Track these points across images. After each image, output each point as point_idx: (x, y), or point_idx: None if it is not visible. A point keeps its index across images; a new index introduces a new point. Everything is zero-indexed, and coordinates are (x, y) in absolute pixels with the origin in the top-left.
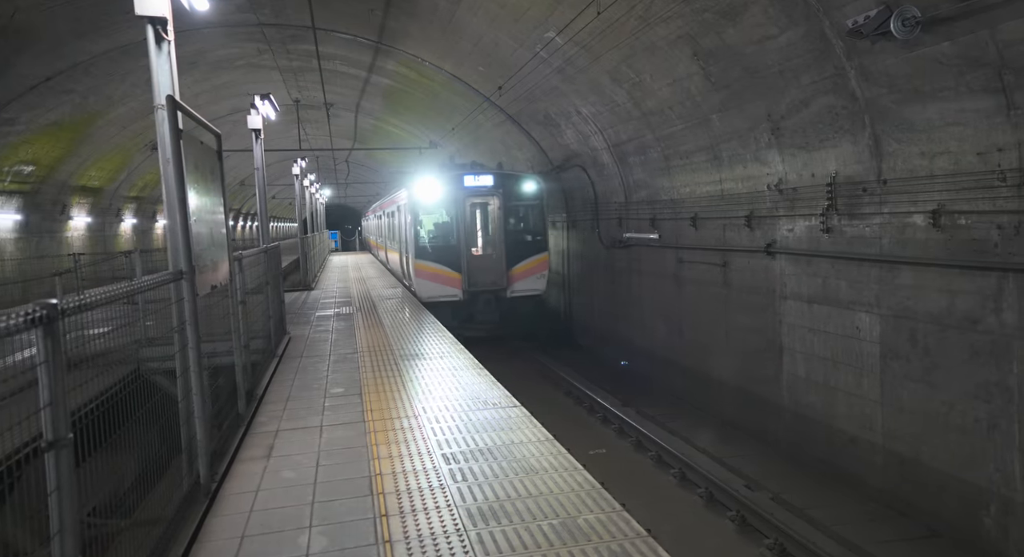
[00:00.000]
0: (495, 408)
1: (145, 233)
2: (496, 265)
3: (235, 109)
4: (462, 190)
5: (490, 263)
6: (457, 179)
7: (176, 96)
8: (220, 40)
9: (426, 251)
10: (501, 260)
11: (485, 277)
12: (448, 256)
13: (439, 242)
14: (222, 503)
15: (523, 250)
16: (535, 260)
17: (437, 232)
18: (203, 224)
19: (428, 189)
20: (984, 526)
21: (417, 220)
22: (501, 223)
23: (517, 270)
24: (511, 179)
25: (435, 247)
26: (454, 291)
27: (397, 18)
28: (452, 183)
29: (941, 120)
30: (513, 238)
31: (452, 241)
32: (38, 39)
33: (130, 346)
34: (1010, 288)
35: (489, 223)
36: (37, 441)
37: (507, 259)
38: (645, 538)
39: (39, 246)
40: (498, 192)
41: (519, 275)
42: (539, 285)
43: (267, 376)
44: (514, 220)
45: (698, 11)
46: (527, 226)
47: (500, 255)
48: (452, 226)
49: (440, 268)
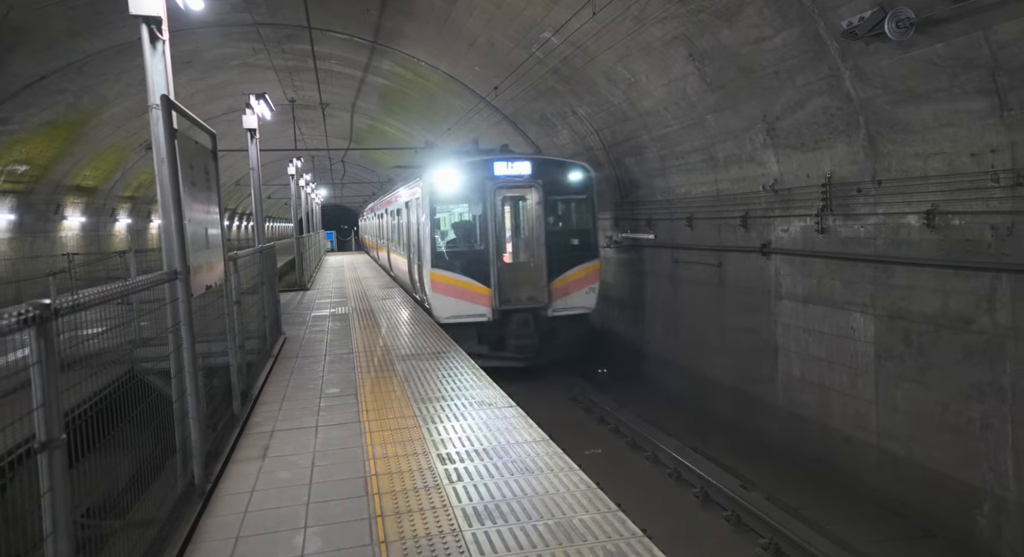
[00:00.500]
0: (491, 408)
1: (140, 233)
2: (534, 276)
3: (230, 109)
4: (491, 181)
5: (527, 274)
6: (484, 167)
7: (171, 96)
8: (215, 40)
9: (445, 258)
10: (541, 270)
11: (520, 292)
12: (473, 265)
13: (462, 247)
14: (217, 504)
15: (568, 257)
16: (583, 269)
17: (459, 234)
18: (198, 224)
19: (448, 180)
20: (978, 526)
21: (434, 219)
22: (540, 222)
23: (560, 282)
24: (553, 166)
25: (456, 253)
26: (481, 310)
27: (393, 18)
28: (478, 172)
29: (935, 121)
30: (556, 241)
31: (478, 246)
32: (32, 38)
33: (124, 346)
34: (1003, 288)
35: (525, 223)
36: (30, 442)
37: (548, 268)
38: (640, 538)
39: (33, 246)
40: (537, 183)
41: (563, 289)
42: (588, 301)
43: (262, 376)
44: (557, 218)
45: (694, 12)
46: (573, 226)
47: (539, 263)
48: (478, 227)
49: (463, 280)
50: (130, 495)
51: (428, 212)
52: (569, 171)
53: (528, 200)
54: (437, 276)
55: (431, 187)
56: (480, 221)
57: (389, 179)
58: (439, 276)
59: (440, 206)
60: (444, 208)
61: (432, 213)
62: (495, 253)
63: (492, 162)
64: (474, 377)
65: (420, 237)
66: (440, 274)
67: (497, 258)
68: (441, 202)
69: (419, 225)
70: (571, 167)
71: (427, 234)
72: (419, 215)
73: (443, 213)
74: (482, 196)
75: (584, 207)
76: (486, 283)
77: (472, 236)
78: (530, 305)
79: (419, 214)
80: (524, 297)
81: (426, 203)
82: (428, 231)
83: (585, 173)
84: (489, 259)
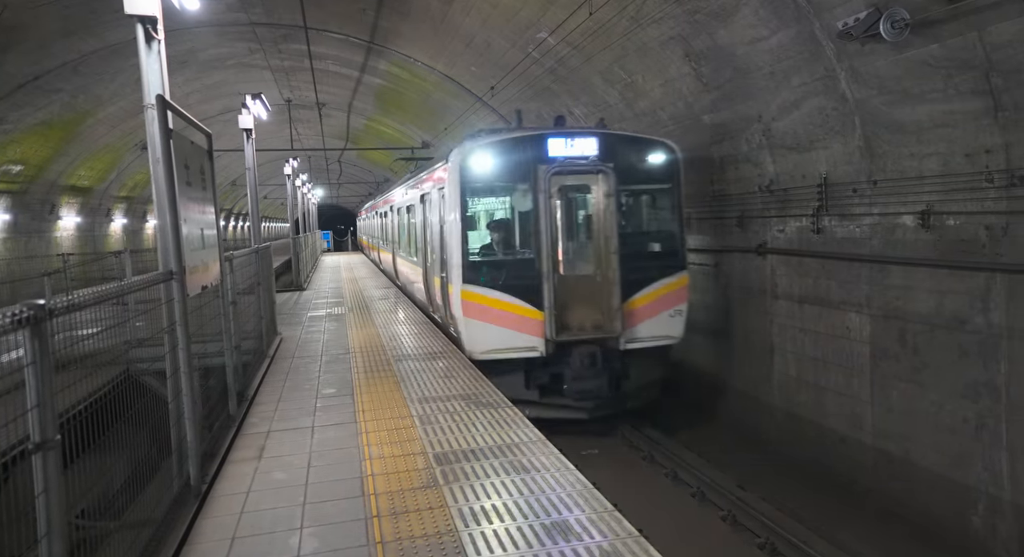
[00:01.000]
0: (488, 408)
1: (135, 233)
2: (603, 295)
3: (226, 109)
4: (545, 164)
5: (592, 292)
6: (535, 145)
7: (166, 95)
8: (211, 39)
9: (481, 270)
10: (612, 286)
11: (583, 316)
12: (520, 280)
13: (504, 255)
14: (212, 504)
15: (647, 268)
16: (667, 285)
17: (500, 237)
18: (194, 224)
19: (487, 163)
20: (972, 525)
21: (466, 217)
22: (612, 222)
23: (637, 303)
24: (628, 145)
25: (497, 264)
26: (530, 341)
27: (389, 18)
28: (527, 152)
29: (930, 122)
30: (631, 247)
31: (526, 253)
32: (26, 38)
33: (120, 347)
34: (998, 288)
35: (591, 222)
36: (25, 443)
37: (621, 284)
38: (637, 538)
39: (28, 246)
40: (606, 168)
41: (641, 312)
42: (672, 329)
43: (258, 377)
44: (632, 216)
45: (690, 12)
46: (654, 226)
47: (610, 277)
48: (526, 228)
49: (506, 301)
50: (125, 496)
51: (458, 206)
52: (649, 151)
53: (594, 191)
54: (470, 295)
55: (464, 173)
56: (529, 220)
57: (386, 179)
58: (473, 295)
59: (475, 199)
60: (480, 202)
61: (464, 208)
62: (550, 263)
63: (545, 138)
64: (471, 377)
65: (445, 241)
66: (474, 292)
67: (553, 270)
68: (477, 193)
69: (444, 225)
70: (652, 146)
71: (456, 237)
72: (444, 211)
73: (478, 209)
74: (532, 185)
75: (668, 200)
76: (537, 305)
77: (518, 240)
78: (596, 335)
79: (444, 210)
80: (588, 324)
81: (455, 195)
82: (458, 233)
83: (670, 154)
84: (542, 271)
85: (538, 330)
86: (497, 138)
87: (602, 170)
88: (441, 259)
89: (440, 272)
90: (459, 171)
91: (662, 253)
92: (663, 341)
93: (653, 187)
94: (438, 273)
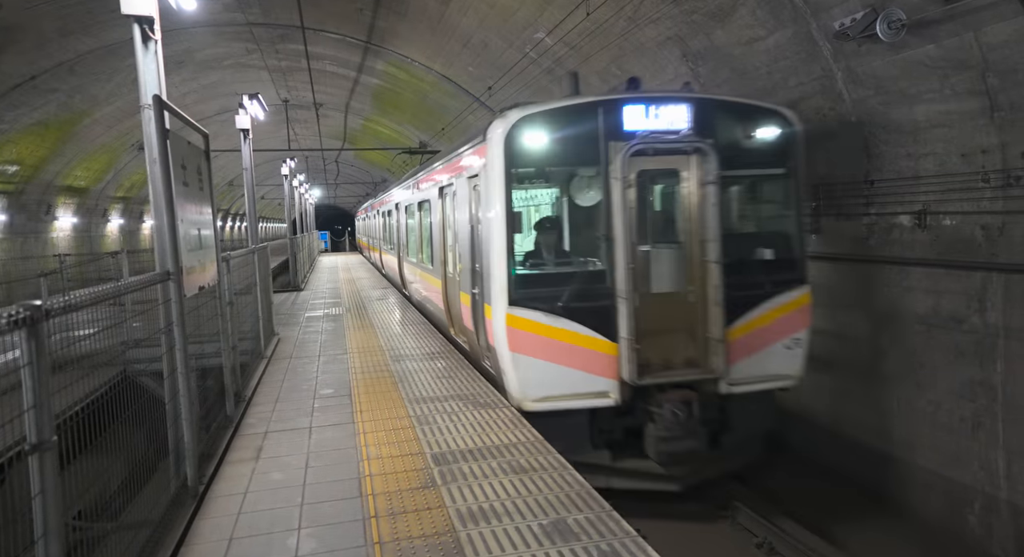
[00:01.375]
0: (486, 408)
1: (132, 234)
2: (699, 320)
3: (223, 109)
4: (620, 141)
5: (684, 315)
6: (607, 115)
7: (163, 96)
8: (208, 39)
9: (533, 288)
10: (712, 308)
11: (673, 349)
12: (585, 300)
13: (561, 266)
14: (210, 505)
15: (757, 283)
16: (784, 305)
17: (556, 243)
18: (190, 225)
19: (540, 139)
20: (969, 524)
21: (512, 215)
22: (712, 220)
23: (744, 329)
24: (733, 115)
25: (553, 279)
26: (600, 384)
27: (386, 18)
28: (596, 124)
29: (927, 122)
30: (736, 254)
31: (594, 264)
32: (23, 37)
33: (117, 348)
34: (994, 288)
35: (682, 221)
36: (21, 444)
37: (725, 306)
38: (634, 538)
39: (24, 247)
40: (705, 145)
41: (749, 342)
42: (790, 365)
43: (256, 377)
44: (737, 212)
45: (687, 12)
46: (766, 226)
47: (710, 296)
48: (593, 229)
49: (568, 329)
50: (123, 497)
51: (501, 199)
52: (760, 122)
53: (686, 177)
54: (519, 321)
55: (510, 151)
56: (596, 217)
57: (383, 179)
58: (522, 321)
59: (524, 189)
60: (530, 193)
61: (509, 201)
62: (628, 277)
63: (620, 105)
64: (469, 378)
65: (481, 247)
66: (524, 317)
67: (632, 287)
68: (527, 181)
69: (477, 225)
70: (765, 116)
71: (498, 241)
72: (477, 207)
73: (527, 203)
74: (603, 170)
75: (784, 190)
76: (609, 334)
77: (583, 246)
78: (690, 375)
79: (477, 205)
80: (679, 359)
81: (498, 183)
82: (501, 236)
83: (787, 125)
84: (615, 288)
85: (610, 369)
86: (555, 104)
87: (700, 148)
88: (472, 270)
89: (471, 287)
90: (503, 149)
91: (777, 262)
92: (777, 383)
93: (765, 172)
94: (467, 288)
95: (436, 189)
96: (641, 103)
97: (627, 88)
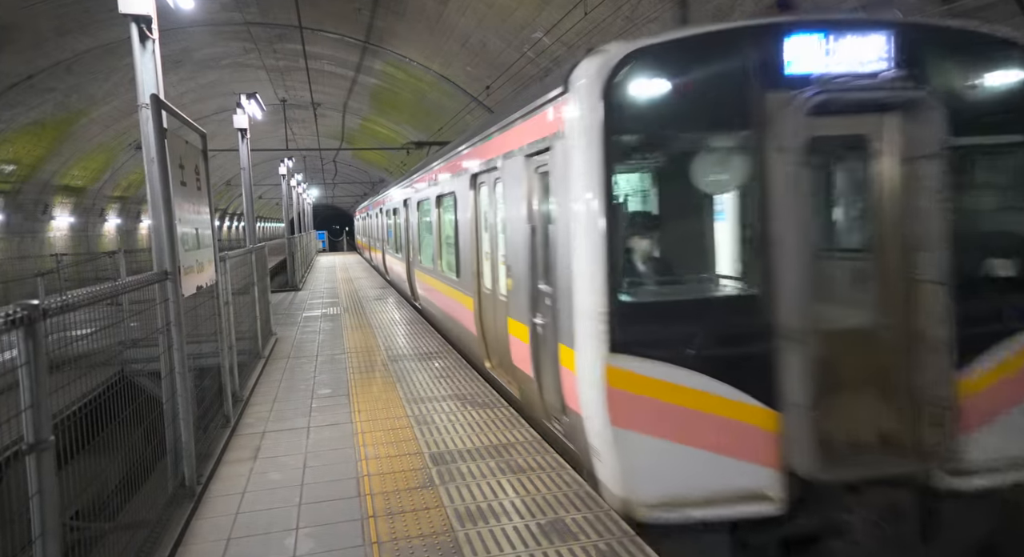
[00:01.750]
0: (484, 408)
1: (130, 233)
2: (908, 371)
3: (221, 108)
4: (782, 90)
5: (875, 365)
6: (759, 50)
7: (161, 95)
8: (206, 39)
9: (645, 322)
10: (932, 355)
11: (866, 421)
12: (729, 345)
13: (690, 293)
14: (208, 505)
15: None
16: None
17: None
18: (188, 224)
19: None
20: None
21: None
22: (934, 215)
23: (981, 384)
24: (957, 48)
25: (675, 310)
26: (751, 478)
27: (384, 17)
28: (741, 62)
29: None
30: (972, 269)
31: (746, 288)
32: (19, 37)
33: (114, 348)
34: None
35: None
36: (18, 444)
37: (953, 345)
38: (633, 537)
39: (20, 246)
40: (926, 93)
41: (990, 406)
42: None
43: (253, 377)
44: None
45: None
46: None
47: (927, 335)
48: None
49: (702, 389)
50: (120, 497)
51: (597, 180)
52: (995, 62)
53: (880, 148)
54: (626, 377)
55: (612, 104)
56: (744, 212)
57: (381, 180)
58: (631, 377)
59: (633, 165)
60: (637, 177)
61: (608, 185)
62: (805, 305)
63: (781, 34)
64: (467, 378)
65: (553, 257)
66: (634, 371)
67: (806, 322)
68: (636, 154)
69: (543, 224)
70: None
71: (590, 248)
72: (542, 197)
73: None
74: (755, 136)
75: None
76: (766, 398)
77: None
78: (901, 465)
79: (543, 195)
80: (869, 435)
81: (591, 158)
82: (594, 239)
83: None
84: (776, 324)
85: (767, 455)
86: (678, 33)
87: (915, 101)
88: (532, 291)
89: (529, 315)
90: (603, 104)
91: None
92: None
93: (1008, 140)
94: (522, 315)
95: (465, 178)
96: (815, 30)
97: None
